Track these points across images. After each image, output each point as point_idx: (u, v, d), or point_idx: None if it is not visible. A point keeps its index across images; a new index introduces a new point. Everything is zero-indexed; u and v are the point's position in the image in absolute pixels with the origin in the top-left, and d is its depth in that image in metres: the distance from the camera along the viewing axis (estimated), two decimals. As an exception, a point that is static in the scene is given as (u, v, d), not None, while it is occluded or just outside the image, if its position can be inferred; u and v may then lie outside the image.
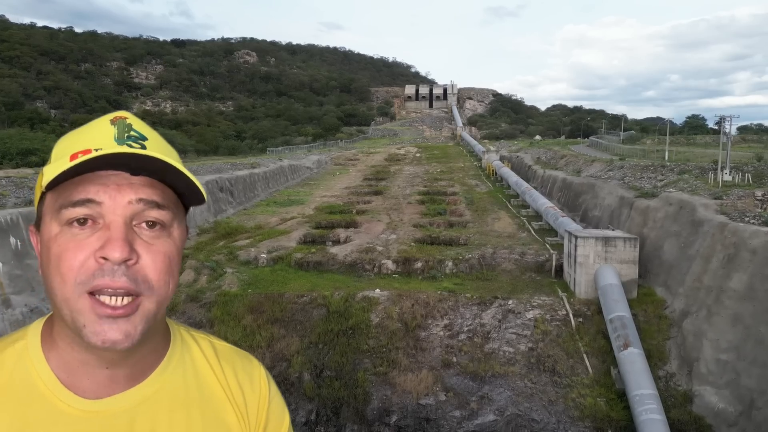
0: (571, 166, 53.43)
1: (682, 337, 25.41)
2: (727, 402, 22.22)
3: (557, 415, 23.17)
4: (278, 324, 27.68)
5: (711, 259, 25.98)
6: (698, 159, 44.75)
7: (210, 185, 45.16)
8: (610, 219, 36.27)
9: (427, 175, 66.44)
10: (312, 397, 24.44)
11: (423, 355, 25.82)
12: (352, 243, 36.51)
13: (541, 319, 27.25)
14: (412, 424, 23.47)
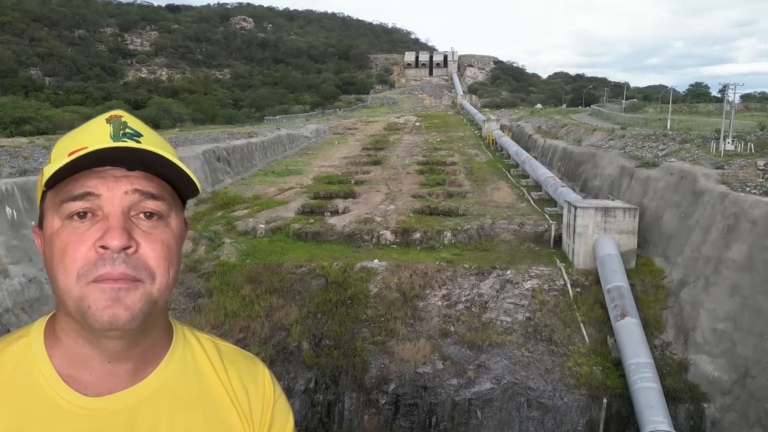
0: (572, 136, 52.90)
1: (680, 306, 25.51)
2: (722, 371, 22.44)
3: (553, 383, 23.43)
4: (277, 294, 27.76)
5: (711, 229, 25.88)
6: (700, 128, 44.23)
7: (207, 155, 44.75)
8: (611, 189, 36.04)
9: (426, 145, 65.88)
10: (311, 366, 24.66)
11: (421, 324, 25.97)
12: (350, 214, 36.36)
13: (539, 289, 27.33)
14: (410, 392, 23.75)
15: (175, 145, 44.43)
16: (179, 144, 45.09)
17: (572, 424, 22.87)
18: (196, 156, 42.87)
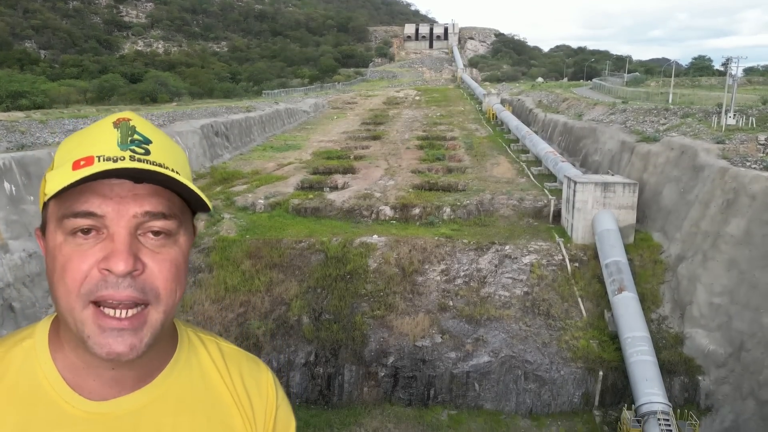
0: (573, 110, 52.47)
1: (677, 281, 25.69)
2: (718, 344, 22.72)
3: (550, 356, 23.74)
4: (277, 269, 27.89)
5: (710, 204, 25.88)
6: (702, 102, 43.84)
7: (205, 129, 44.43)
8: (611, 164, 35.92)
9: (426, 119, 65.39)
10: (311, 340, 24.94)
11: (420, 299, 26.18)
12: (349, 189, 36.30)
13: (538, 264, 27.46)
14: (409, 364, 24.07)
15: (172, 119, 44.10)
16: (177, 118, 44.74)
17: (568, 396, 23.26)
18: (194, 131, 42.58)
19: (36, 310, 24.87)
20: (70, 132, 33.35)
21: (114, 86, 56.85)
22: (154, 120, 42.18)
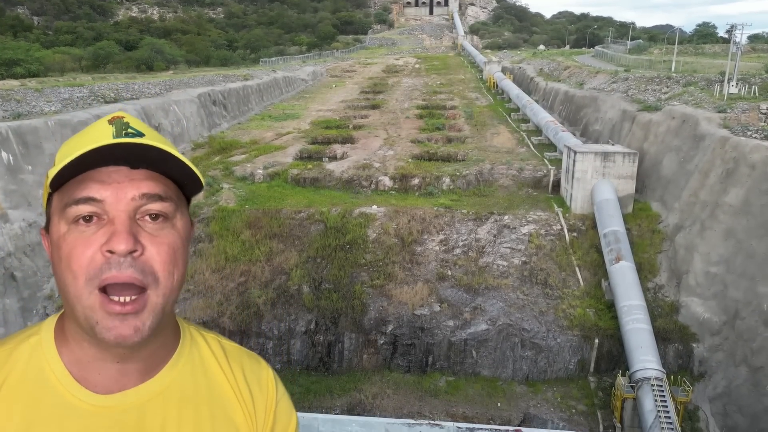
0: (574, 78, 51.86)
1: (674, 250, 25.86)
2: (713, 312, 23.02)
3: (547, 324, 24.09)
4: (276, 239, 28.03)
5: (709, 173, 25.85)
6: (705, 70, 43.30)
7: (202, 98, 43.97)
8: (611, 133, 35.71)
9: (426, 88, 64.67)
10: (311, 308, 25.25)
11: (419, 268, 26.39)
12: (348, 159, 36.16)
13: (536, 233, 27.59)
14: (408, 332, 24.44)
15: (169, 88, 43.59)
16: (174, 87, 44.22)
17: (564, 362, 23.69)
18: (191, 100, 42.14)
19: (38, 279, 25.09)
20: (66, 101, 32.94)
21: (109, 54, 56.00)
22: (151, 88, 41.72)
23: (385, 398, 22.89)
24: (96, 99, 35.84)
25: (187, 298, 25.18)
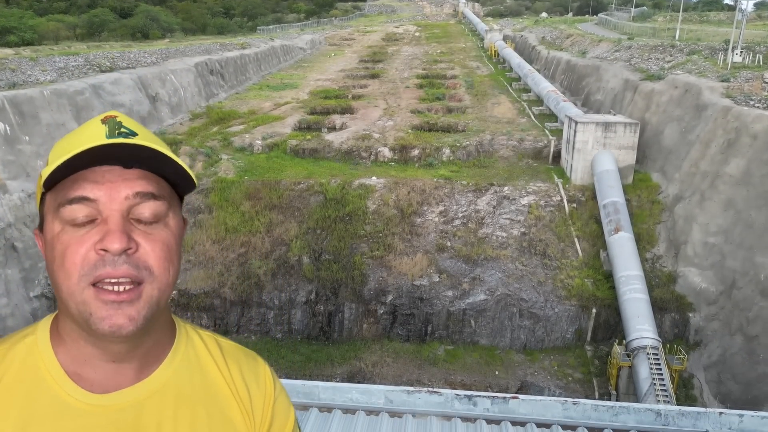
0: (577, 47, 51.08)
1: (673, 221, 25.91)
2: (710, 282, 23.21)
3: (545, 294, 24.31)
4: (276, 210, 28.04)
5: (711, 144, 25.71)
6: (710, 38, 42.64)
7: (199, 67, 43.38)
8: (613, 103, 35.37)
9: (426, 57, 63.74)
10: (311, 279, 25.43)
11: (418, 240, 26.48)
12: (348, 130, 35.88)
13: (536, 204, 27.59)
14: (407, 302, 24.68)
15: (166, 57, 42.97)
16: (170, 56, 43.58)
17: (561, 332, 24.00)
18: (188, 69, 41.58)
19: (38, 250, 25.18)
20: (62, 70, 32.50)
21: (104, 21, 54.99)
22: (147, 57, 41.12)
23: (384, 366, 23.26)
24: (92, 68, 35.37)
25: (187, 268, 25.34)
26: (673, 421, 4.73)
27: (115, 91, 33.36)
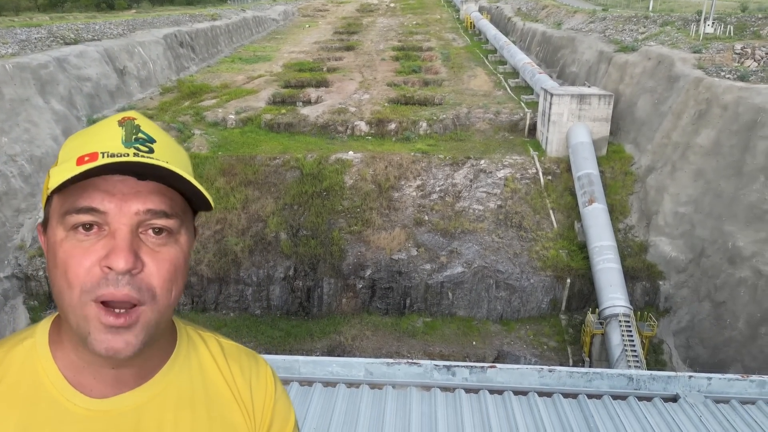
0: (552, 18, 50.93)
1: (645, 191, 26.42)
2: (680, 251, 23.85)
3: (521, 266, 24.70)
4: (252, 186, 27.70)
5: (682, 115, 26.11)
6: (682, 9, 42.94)
7: (169, 39, 42.08)
8: (588, 75, 35.53)
9: (401, 28, 62.90)
10: (289, 255, 25.35)
11: (396, 214, 26.52)
12: (323, 104, 35.40)
13: (512, 177, 27.80)
14: (386, 276, 24.83)
15: (133, 28, 41.55)
16: (138, 27, 42.14)
17: (537, 302, 24.49)
18: (157, 41, 40.30)
19: (7, 230, 24.53)
20: (24, 42, 31.12)
21: (66, -8, 52.68)
22: (113, 29, 39.69)
23: (364, 340, 23.49)
24: (55, 40, 34.00)
25: (163, 246, 24.99)
26: (644, 386, 4.87)
27: (81, 65, 32.22)
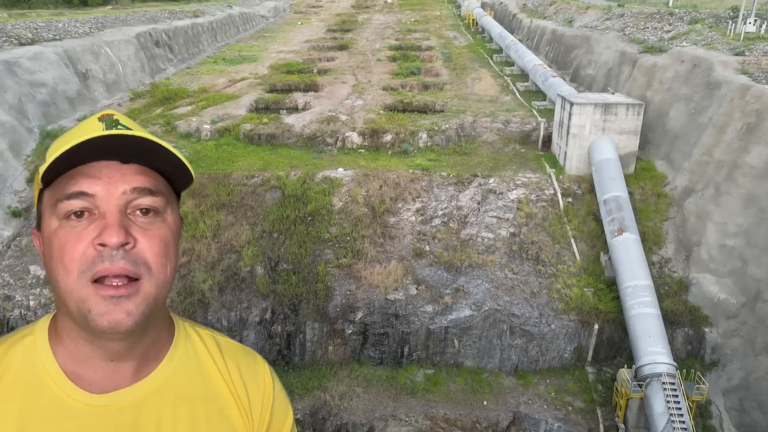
0: (562, 15, 47.08)
1: (683, 218, 22.64)
2: (729, 292, 20.08)
3: (539, 308, 20.93)
4: (225, 210, 23.87)
5: (726, 128, 22.32)
6: (707, 4, 39.10)
7: (142, 38, 38.13)
8: (607, 79, 31.70)
9: (399, 26, 59.00)
10: (266, 294, 21.53)
11: (392, 243, 22.73)
12: (311, 111, 31.53)
13: (526, 199, 24.01)
14: (380, 320, 21.04)
15: (102, 26, 37.62)
16: (108, 25, 38.21)
17: (558, 351, 20.75)
18: (128, 40, 36.37)
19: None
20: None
21: (33, -14, 48.74)
22: (79, 27, 35.75)
23: (354, 398, 19.76)
24: (8, 40, 30.09)
25: (117, 285, 21.17)
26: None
27: (35, 68, 28.32)
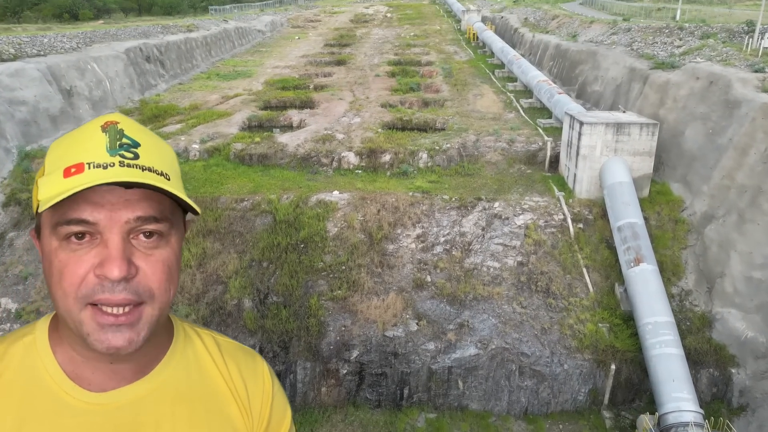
0: (565, 29, 45.91)
1: (704, 246, 21.06)
2: (758, 329, 18.43)
3: (551, 346, 19.25)
4: (212, 237, 22.29)
5: (749, 150, 20.84)
6: (715, 19, 37.88)
7: (132, 54, 36.83)
8: (615, 95, 30.32)
9: (398, 41, 57.90)
10: (254, 330, 19.86)
11: (390, 273, 21.11)
12: (306, 129, 30.08)
13: (533, 225, 22.45)
14: (377, 359, 19.36)
15: (90, 41, 36.33)
16: (97, 40, 36.93)
17: (572, 393, 19.04)
18: (116, 56, 35.05)
19: None
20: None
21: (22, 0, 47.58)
22: (65, 42, 34.46)
23: (348, 447, 18.01)
24: (-12, 56, 28.74)
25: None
26: None
27: (15, 85, 26.93)
